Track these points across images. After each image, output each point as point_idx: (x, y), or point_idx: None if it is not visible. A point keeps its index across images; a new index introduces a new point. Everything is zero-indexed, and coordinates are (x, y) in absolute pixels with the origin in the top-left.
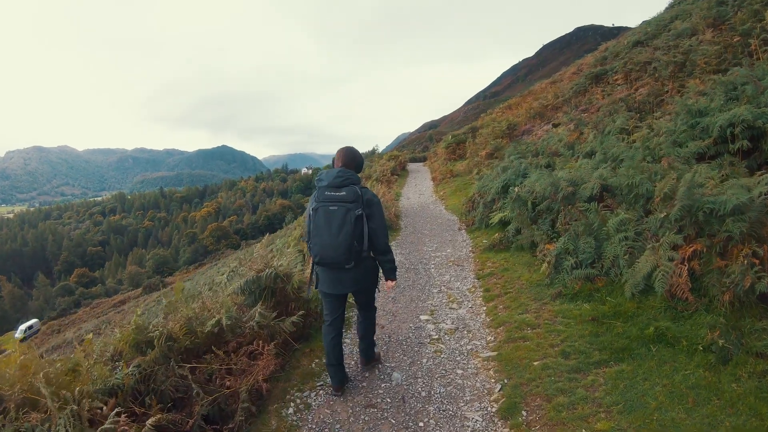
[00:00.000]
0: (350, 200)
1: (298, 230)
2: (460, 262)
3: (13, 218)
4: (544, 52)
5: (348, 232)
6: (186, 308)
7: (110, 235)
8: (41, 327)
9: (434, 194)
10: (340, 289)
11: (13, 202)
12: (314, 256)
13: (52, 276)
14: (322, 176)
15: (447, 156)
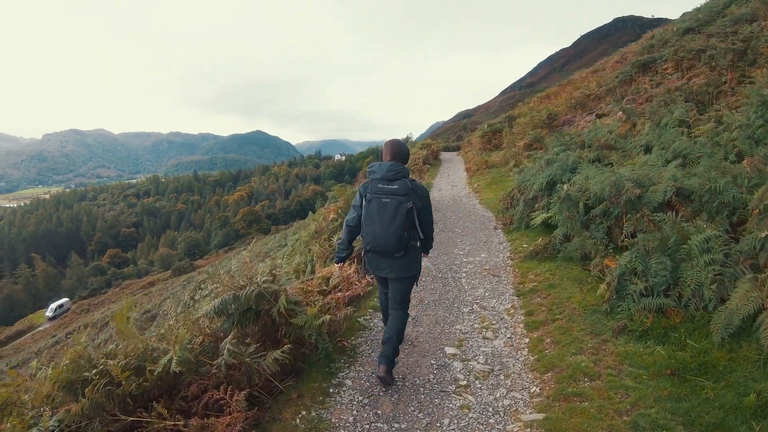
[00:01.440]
0: (402, 193)
1: (314, 225)
2: (497, 272)
3: (49, 199)
4: (582, 43)
5: (399, 223)
6: (136, 339)
7: (144, 217)
8: (71, 306)
9: (468, 186)
10: (389, 274)
11: (50, 184)
12: (366, 244)
13: (85, 256)
14: (375, 169)
15: (482, 146)
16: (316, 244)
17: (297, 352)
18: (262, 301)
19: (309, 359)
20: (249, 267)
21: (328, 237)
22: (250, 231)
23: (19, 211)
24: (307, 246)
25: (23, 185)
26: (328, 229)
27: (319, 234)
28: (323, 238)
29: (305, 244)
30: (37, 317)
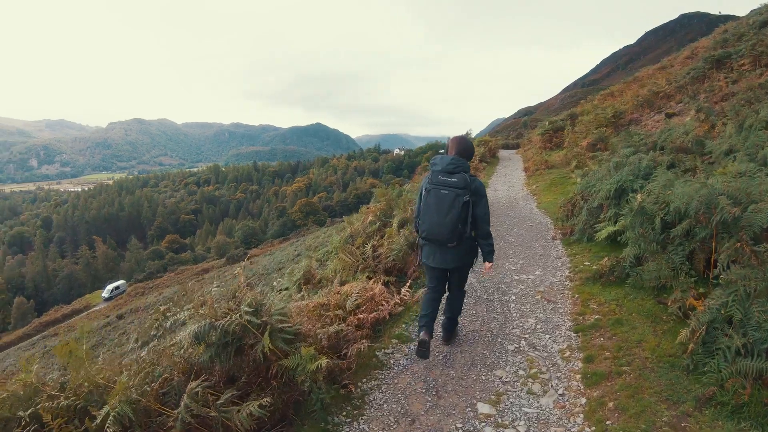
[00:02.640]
0: (460, 186)
1: (348, 229)
2: (553, 296)
3: (112, 184)
4: (647, 40)
5: (455, 214)
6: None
7: (203, 204)
8: (127, 288)
9: (525, 187)
10: (441, 263)
11: (114, 170)
12: (421, 232)
13: (144, 240)
14: (437, 161)
15: (542, 144)
16: (344, 253)
17: (288, 397)
18: (247, 334)
19: (302, 409)
20: (241, 290)
21: (362, 244)
22: (307, 222)
23: (83, 195)
24: (339, 253)
25: (88, 171)
26: (363, 234)
27: (353, 239)
28: (356, 246)
29: (335, 250)
30: (94, 297)
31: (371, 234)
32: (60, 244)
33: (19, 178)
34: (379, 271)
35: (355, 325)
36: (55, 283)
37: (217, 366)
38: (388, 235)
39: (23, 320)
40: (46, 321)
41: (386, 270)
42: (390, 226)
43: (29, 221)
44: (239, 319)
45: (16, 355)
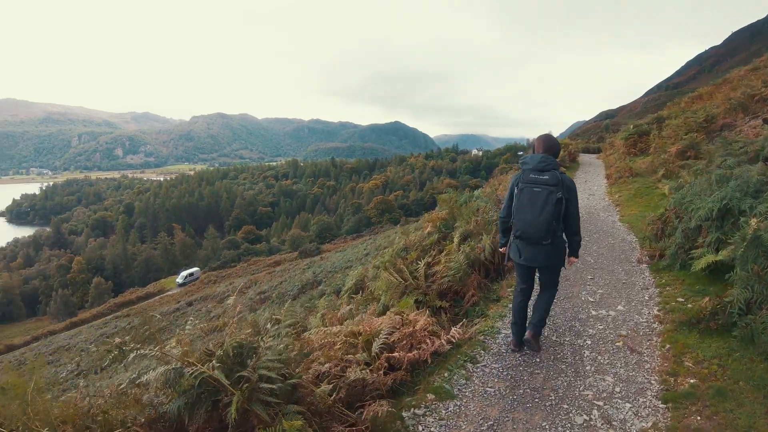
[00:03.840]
0: (552, 184)
1: (402, 241)
2: (638, 343)
3: (194, 175)
4: (734, 40)
5: (549, 212)
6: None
7: (281, 197)
8: (201, 275)
9: (607, 197)
10: (533, 262)
11: (195, 161)
12: (515, 230)
13: (222, 230)
14: (527, 159)
15: (626, 149)
16: (391, 270)
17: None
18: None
19: None
20: (229, 328)
21: (416, 260)
22: (381, 220)
23: (165, 184)
24: (384, 271)
25: (171, 161)
26: (419, 247)
27: (407, 252)
28: (408, 261)
29: (383, 265)
30: (168, 282)
31: (428, 248)
32: (140, 229)
33: (104, 167)
34: (431, 294)
35: (386, 367)
36: (133, 266)
37: (187, 420)
38: (447, 250)
39: (100, 299)
40: (120, 302)
41: (440, 293)
42: (450, 240)
43: (113, 207)
44: (208, 370)
45: (88, 332)
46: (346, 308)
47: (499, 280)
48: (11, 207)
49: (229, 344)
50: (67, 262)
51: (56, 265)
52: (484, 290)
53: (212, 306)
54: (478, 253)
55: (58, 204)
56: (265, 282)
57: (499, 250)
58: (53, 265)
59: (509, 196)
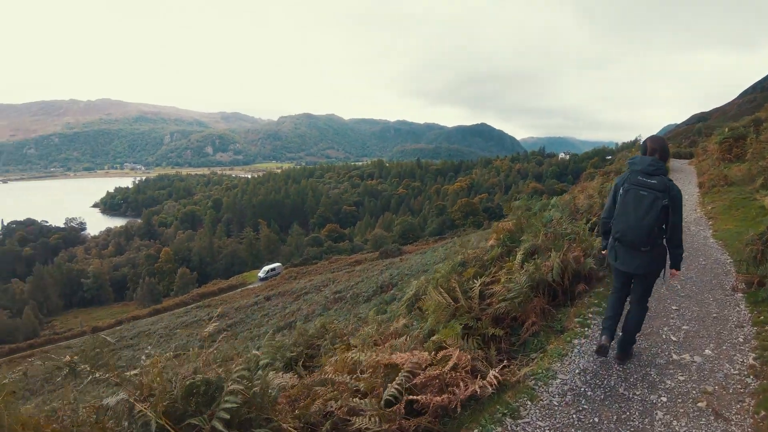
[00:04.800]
0: (659, 189)
1: (459, 255)
2: (725, 406)
3: (280, 173)
4: None
5: (652, 217)
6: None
7: (365, 197)
8: (282, 271)
9: (699, 208)
10: (630, 267)
11: (283, 160)
12: (615, 233)
13: (306, 227)
14: (636, 161)
15: (720, 155)
16: (440, 290)
17: None
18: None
19: None
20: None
21: (472, 277)
22: (465, 222)
23: (253, 181)
24: (432, 290)
25: (259, 159)
26: (479, 261)
27: (465, 267)
28: (465, 277)
29: (434, 282)
30: (250, 276)
31: (488, 264)
32: (227, 224)
33: (195, 163)
34: (485, 319)
35: (404, 413)
36: (218, 259)
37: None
38: (508, 268)
39: (184, 289)
40: (203, 292)
41: (495, 318)
42: (513, 257)
43: (201, 201)
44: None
45: (169, 320)
46: (400, 323)
47: (566, 307)
48: (105, 199)
49: (181, 384)
50: (155, 252)
51: (145, 255)
52: (547, 318)
53: (288, 302)
54: (544, 273)
55: (149, 197)
56: (342, 281)
57: (601, 252)
58: (142, 255)
59: (612, 197)
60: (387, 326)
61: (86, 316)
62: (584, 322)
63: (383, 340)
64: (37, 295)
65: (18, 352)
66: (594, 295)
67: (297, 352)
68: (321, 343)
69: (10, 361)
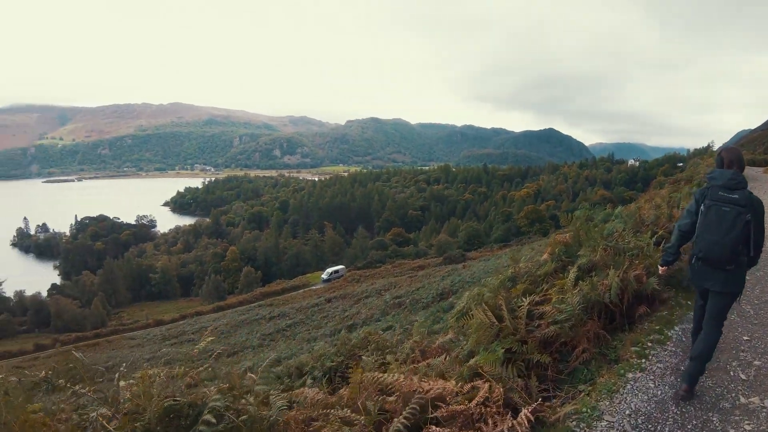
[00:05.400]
0: (742, 204)
1: (509, 269)
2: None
3: (347, 177)
4: None
5: (736, 234)
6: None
7: (431, 202)
8: (345, 273)
9: None
10: (711, 285)
11: (350, 163)
12: (698, 251)
13: (371, 231)
14: (716, 176)
15: None
16: (483, 308)
17: None
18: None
19: None
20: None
21: (522, 293)
22: (531, 230)
23: (319, 184)
24: (475, 308)
25: (326, 163)
26: (530, 277)
27: (514, 283)
28: (513, 294)
29: (478, 298)
30: (314, 277)
31: (540, 280)
32: (293, 225)
33: (263, 165)
34: (531, 342)
35: None
36: (283, 260)
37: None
38: (560, 286)
39: (248, 287)
40: (266, 291)
41: (543, 341)
42: (567, 273)
43: (268, 203)
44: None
45: (231, 317)
46: (447, 337)
47: (624, 332)
48: (175, 198)
49: (158, 405)
50: (222, 250)
51: (212, 253)
52: (601, 344)
53: (348, 305)
54: (600, 293)
55: (218, 197)
56: (404, 286)
57: (659, 268)
58: (209, 252)
59: (691, 212)
60: (433, 339)
61: (152, 309)
62: (641, 351)
63: (424, 357)
64: (107, 287)
65: (84, 341)
66: (656, 320)
67: (337, 362)
68: (363, 353)
69: (75, 348)
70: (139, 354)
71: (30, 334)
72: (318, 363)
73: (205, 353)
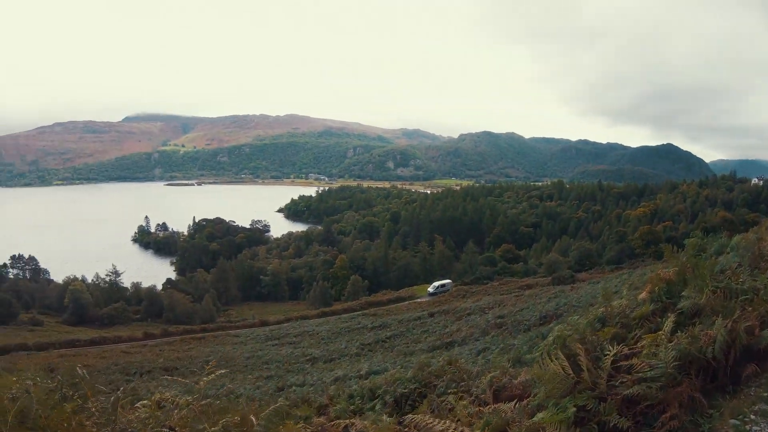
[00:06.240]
0: None
1: (600, 308)
2: None
3: (459, 190)
4: None
5: None
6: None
7: (543, 219)
8: (452, 288)
9: None
10: None
11: (462, 177)
12: None
13: (481, 245)
14: None
15: None
16: (558, 356)
17: None
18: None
19: None
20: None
21: (610, 339)
22: (646, 252)
23: (431, 197)
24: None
25: (438, 176)
26: (623, 319)
27: (603, 324)
28: (600, 339)
29: (555, 342)
30: (420, 289)
31: (634, 324)
32: (404, 237)
33: (376, 177)
34: (610, 402)
35: None
36: (392, 270)
37: None
38: (652, 339)
39: (354, 295)
40: (372, 301)
41: (626, 400)
42: (666, 318)
43: (380, 213)
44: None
45: (334, 323)
46: (529, 376)
47: (725, 396)
48: (289, 205)
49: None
50: (332, 258)
51: (322, 260)
52: (695, 410)
53: (450, 321)
54: (701, 347)
55: (330, 206)
56: (508, 305)
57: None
58: (319, 259)
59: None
60: (516, 373)
61: (260, 310)
62: (741, 427)
63: (496, 398)
64: (218, 285)
65: (190, 333)
66: (766, 383)
67: (409, 389)
68: (438, 383)
69: (181, 340)
70: (239, 352)
71: (142, 323)
72: (391, 387)
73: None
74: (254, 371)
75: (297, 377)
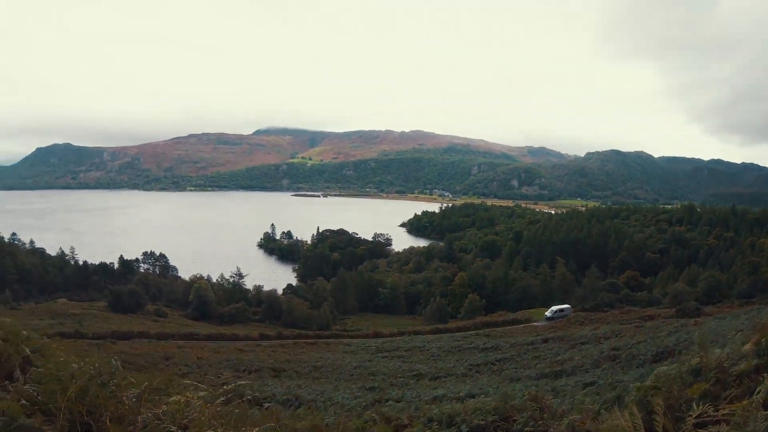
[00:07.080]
0: None
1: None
2: None
3: (584, 212)
4: None
5: None
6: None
7: (671, 245)
8: (570, 313)
9: None
10: None
11: (588, 198)
12: None
13: (605, 270)
14: None
15: None
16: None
17: None
18: None
19: None
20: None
21: (700, 396)
22: None
23: (555, 217)
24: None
25: (564, 195)
26: (721, 373)
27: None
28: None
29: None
30: (537, 313)
31: (732, 381)
32: (525, 257)
33: (500, 195)
34: None
35: None
36: (511, 291)
37: None
38: (746, 405)
39: (470, 314)
40: (487, 321)
41: None
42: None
43: (502, 232)
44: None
45: (445, 341)
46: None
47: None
48: (412, 220)
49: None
50: (451, 274)
51: (441, 276)
52: None
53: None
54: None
55: (453, 223)
56: (626, 336)
57: None
58: (438, 275)
59: None
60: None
61: (375, 321)
62: None
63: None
64: (337, 294)
65: (303, 338)
66: None
67: (486, 422)
68: (519, 418)
69: (294, 344)
70: (348, 360)
71: (260, 324)
72: (469, 416)
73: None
74: (358, 381)
75: (398, 392)
